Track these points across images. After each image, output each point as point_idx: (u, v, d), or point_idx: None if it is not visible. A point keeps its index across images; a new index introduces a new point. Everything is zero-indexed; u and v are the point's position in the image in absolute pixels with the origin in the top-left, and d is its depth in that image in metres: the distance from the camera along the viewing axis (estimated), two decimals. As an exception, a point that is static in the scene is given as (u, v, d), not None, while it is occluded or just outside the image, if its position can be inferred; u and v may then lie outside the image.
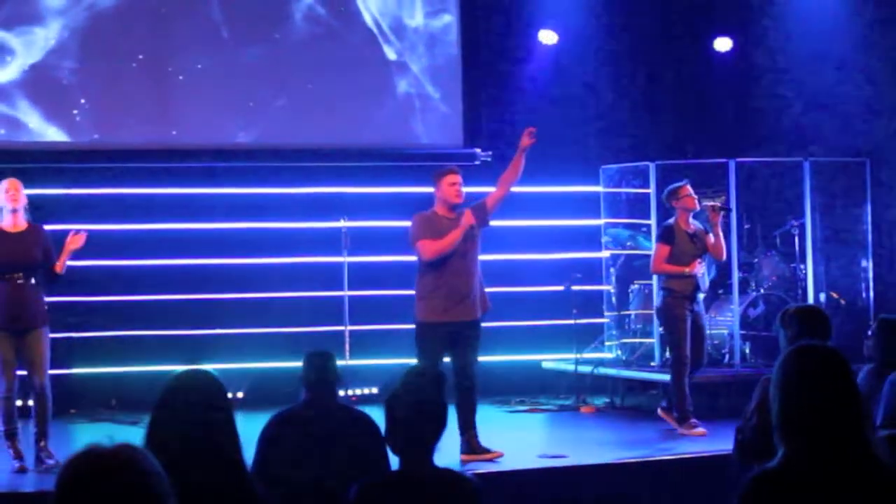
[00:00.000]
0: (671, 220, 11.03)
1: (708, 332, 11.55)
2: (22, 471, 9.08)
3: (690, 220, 10.99)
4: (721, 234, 11.03)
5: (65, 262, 9.46)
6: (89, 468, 2.68)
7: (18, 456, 9.21)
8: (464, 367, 9.58)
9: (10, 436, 9.26)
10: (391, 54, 13.59)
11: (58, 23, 12.73)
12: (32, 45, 12.67)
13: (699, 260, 10.91)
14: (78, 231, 9.51)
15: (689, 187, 11.06)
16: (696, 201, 11.01)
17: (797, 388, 3.72)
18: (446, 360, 9.64)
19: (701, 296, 11.13)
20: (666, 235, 10.98)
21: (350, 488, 4.59)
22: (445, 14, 13.75)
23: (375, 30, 13.50)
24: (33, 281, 9.38)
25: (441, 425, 4.69)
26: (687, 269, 10.82)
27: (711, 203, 11.24)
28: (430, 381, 4.78)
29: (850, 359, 3.80)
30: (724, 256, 11.26)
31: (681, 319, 10.81)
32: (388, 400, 4.76)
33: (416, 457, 4.62)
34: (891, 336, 6.51)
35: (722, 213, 11.17)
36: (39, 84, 12.71)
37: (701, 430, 10.58)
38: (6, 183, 9.51)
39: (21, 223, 9.46)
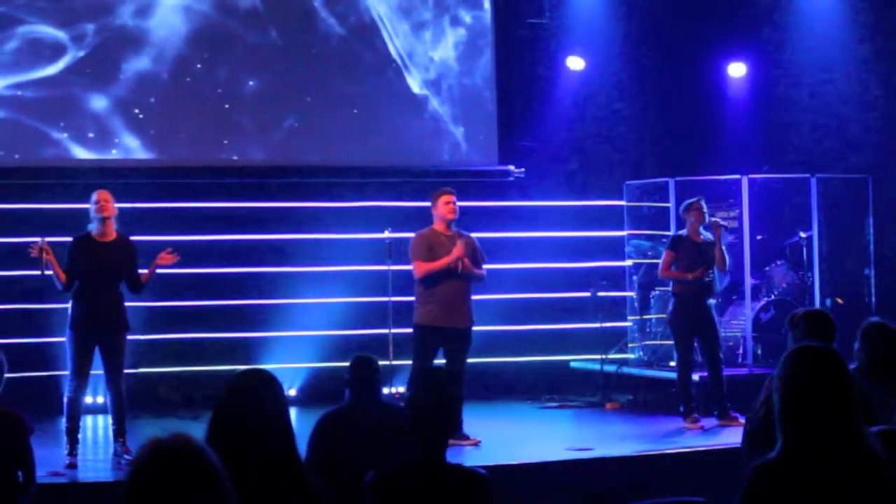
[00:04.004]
0: (682, 231, 11.07)
1: (723, 332, 11.55)
2: (72, 467, 8.83)
3: (701, 231, 10.98)
4: (722, 246, 10.97)
5: (152, 276, 9.23)
6: (155, 455, 2.77)
7: (72, 453, 8.95)
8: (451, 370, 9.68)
9: (71, 433, 9.00)
10: (431, 80, 13.57)
11: (120, 40, 12.60)
12: (91, 61, 12.53)
13: (704, 268, 10.85)
14: (172, 251, 9.27)
15: (701, 202, 11.07)
16: (704, 215, 11.00)
17: (796, 384, 3.75)
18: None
19: (711, 301, 11.08)
20: (672, 243, 11.07)
21: (366, 475, 4.54)
22: (480, 42, 13.75)
23: (412, 59, 13.49)
24: (117, 289, 9.13)
25: (453, 422, 4.69)
26: (690, 275, 10.80)
27: (714, 219, 11.20)
28: (442, 382, 4.77)
29: (852, 359, 3.81)
30: (725, 267, 11.09)
31: (682, 326, 10.89)
32: (408, 399, 4.76)
33: (431, 451, 4.55)
34: (874, 340, 6.45)
35: (722, 228, 11.09)
36: (97, 104, 12.52)
37: (700, 424, 10.71)
38: (97, 194, 9.19)
39: (111, 233, 9.15)
